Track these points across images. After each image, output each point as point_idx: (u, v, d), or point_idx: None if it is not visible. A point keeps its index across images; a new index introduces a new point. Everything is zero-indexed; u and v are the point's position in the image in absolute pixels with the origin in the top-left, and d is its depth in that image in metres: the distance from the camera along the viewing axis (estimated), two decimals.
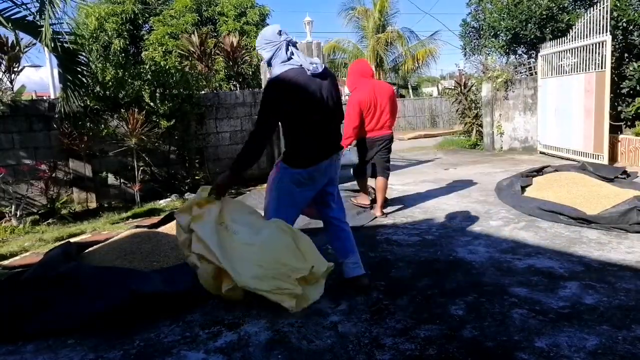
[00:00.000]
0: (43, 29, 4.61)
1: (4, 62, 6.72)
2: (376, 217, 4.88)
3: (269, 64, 2.84)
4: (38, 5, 4.78)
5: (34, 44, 6.66)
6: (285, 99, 2.68)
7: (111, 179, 7.16)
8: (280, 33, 2.79)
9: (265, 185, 3.27)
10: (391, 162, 5.20)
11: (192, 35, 9.55)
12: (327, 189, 2.97)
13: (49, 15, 4.62)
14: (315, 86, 2.74)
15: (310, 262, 2.35)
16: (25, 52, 6.90)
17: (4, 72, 6.72)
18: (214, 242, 2.38)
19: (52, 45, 4.68)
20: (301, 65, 2.73)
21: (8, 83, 6.74)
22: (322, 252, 2.84)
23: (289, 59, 2.76)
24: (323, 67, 2.81)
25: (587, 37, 7.63)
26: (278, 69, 2.77)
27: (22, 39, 6.70)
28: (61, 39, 5.06)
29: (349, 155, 5.19)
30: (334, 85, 2.88)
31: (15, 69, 6.80)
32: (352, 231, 3.10)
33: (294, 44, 2.84)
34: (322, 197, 3.00)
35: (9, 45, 6.60)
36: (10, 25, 4.75)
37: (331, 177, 2.94)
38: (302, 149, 2.80)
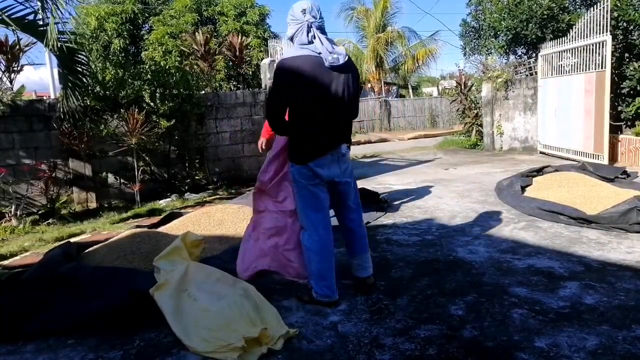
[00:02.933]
0: (46, 28, 4.61)
1: (2, 62, 6.71)
2: None
3: (292, 40, 2.68)
4: (39, 3, 4.77)
5: (34, 43, 6.64)
6: (290, 86, 2.54)
7: (111, 179, 7.16)
8: (304, 12, 2.60)
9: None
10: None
11: (197, 34, 9.54)
12: (339, 187, 2.82)
13: (53, 15, 4.62)
14: (328, 79, 2.57)
15: (265, 326, 2.37)
16: (25, 51, 6.89)
17: (3, 72, 6.71)
18: (170, 309, 2.49)
19: (58, 46, 4.68)
20: (320, 54, 2.56)
21: (8, 83, 6.74)
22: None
23: (309, 42, 2.59)
24: (346, 58, 2.62)
25: (587, 37, 7.63)
26: (293, 51, 2.63)
27: (21, 38, 6.69)
28: (62, 39, 5.05)
29: None
30: (354, 78, 2.70)
31: (15, 69, 6.80)
32: None
33: (320, 28, 2.64)
34: (335, 195, 2.85)
35: (9, 45, 6.59)
36: (10, 24, 4.74)
37: (340, 174, 2.76)
38: (302, 142, 2.65)
